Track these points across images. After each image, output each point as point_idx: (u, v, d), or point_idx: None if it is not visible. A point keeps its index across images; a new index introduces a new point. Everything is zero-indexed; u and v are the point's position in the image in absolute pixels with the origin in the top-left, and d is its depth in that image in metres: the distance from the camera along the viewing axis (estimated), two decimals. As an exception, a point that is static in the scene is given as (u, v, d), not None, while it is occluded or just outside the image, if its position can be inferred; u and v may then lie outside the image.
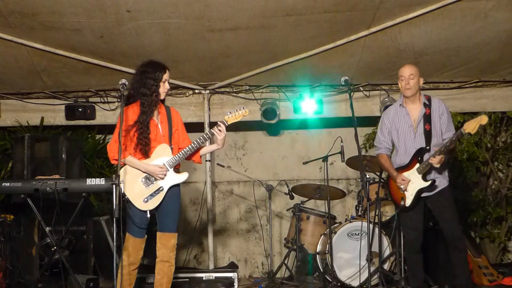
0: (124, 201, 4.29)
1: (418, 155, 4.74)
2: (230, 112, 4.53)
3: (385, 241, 5.83)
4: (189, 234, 7.35)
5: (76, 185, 5.16)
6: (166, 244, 4.37)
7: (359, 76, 6.46)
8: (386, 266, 5.78)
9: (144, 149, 4.30)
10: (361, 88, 6.78)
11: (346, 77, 4.59)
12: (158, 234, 4.40)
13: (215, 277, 5.87)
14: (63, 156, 5.98)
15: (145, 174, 4.34)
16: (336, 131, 6.93)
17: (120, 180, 4.15)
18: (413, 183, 4.73)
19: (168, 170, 4.39)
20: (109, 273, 6.04)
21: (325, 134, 7.44)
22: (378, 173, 5.96)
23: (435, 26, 5.52)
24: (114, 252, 3.94)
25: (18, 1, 4.98)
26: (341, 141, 5.77)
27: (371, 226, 5.56)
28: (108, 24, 5.35)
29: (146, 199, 4.30)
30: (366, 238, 5.53)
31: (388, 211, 6.17)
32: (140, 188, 4.32)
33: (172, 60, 6.08)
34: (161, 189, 4.37)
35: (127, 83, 4.31)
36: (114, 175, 4.03)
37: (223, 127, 4.41)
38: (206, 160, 6.89)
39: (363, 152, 7.07)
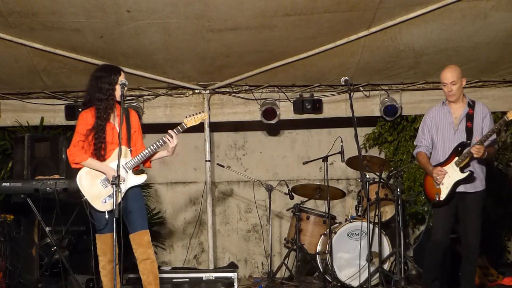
0: (83, 202, 4.32)
1: (459, 148, 4.67)
2: (190, 115, 4.55)
3: (385, 241, 5.83)
4: (189, 234, 7.35)
5: (76, 185, 5.15)
6: (141, 242, 4.37)
7: (359, 76, 6.46)
8: (386, 266, 5.79)
9: (99, 153, 4.32)
10: (361, 88, 6.78)
11: (346, 77, 4.58)
12: (131, 236, 4.38)
13: (215, 277, 5.87)
14: (63, 156, 5.99)
15: (104, 176, 4.34)
16: (336, 131, 6.93)
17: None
18: (449, 176, 4.66)
19: (127, 172, 4.38)
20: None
21: (325, 134, 7.43)
22: (378, 173, 5.96)
23: (435, 26, 5.52)
24: (114, 253, 3.95)
25: (18, 1, 4.99)
26: (341, 141, 5.77)
27: (371, 226, 5.56)
28: (108, 24, 5.35)
29: (104, 200, 4.31)
30: (366, 238, 5.53)
31: (388, 211, 6.17)
32: (98, 190, 4.33)
33: (172, 60, 6.12)
34: (119, 190, 4.36)
35: (127, 83, 4.32)
36: (113, 176, 4.03)
37: (174, 136, 4.42)
38: (206, 160, 6.90)
39: (363, 152, 7.07)
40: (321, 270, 5.97)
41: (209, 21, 5.35)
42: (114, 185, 4.00)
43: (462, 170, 4.65)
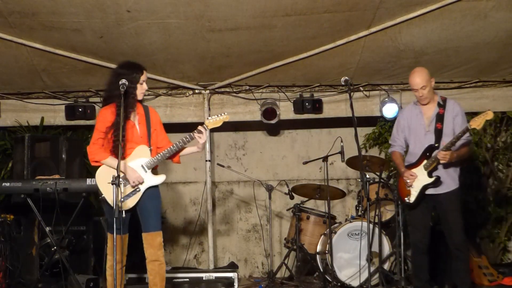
0: (101, 201, 4.32)
1: (427, 152, 4.74)
2: (211, 117, 4.57)
3: (385, 241, 5.83)
4: (189, 234, 7.35)
5: (76, 185, 5.17)
6: (152, 243, 4.37)
7: (359, 76, 6.46)
8: (386, 266, 5.79)
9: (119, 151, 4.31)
10: (361, 88, 6.78)
11: (346, 77, 4.59)
12: (143, 235, 4.40)
13: (215, 277, 5.87)
14: (63, 156, 5.98)
15: (123, 174, 4.33)
16: (336, 131, 6.93)
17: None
18: (419, 180, 4.74)
19: (146, 172, 4.39)
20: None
21: (325, 134, 7.43)
22: (378, 173, 5.96)
23: (435, 26, 5.52)
24: (114, 253, 3.95)
25: (18, 1, 4.99)
26: (341, 141, 5.77)
27: (371, 226, 5.56)
28: (108, 24, 5.35)
29: (122, 199, 4.29)
30: (366, 238, 5.53)
31: (388, 211, 6.16)
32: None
33: (172, 60, 6.11)
34: (137, 190, 4.37)
35: (127, 83, 4.29)
36: (113, 175, 4.03)
37: (204, 132, 4.44)
38: (206, 160, 6.90)
39: (363, 152, 7.07)
40: (321, 270, 5.97)
41: (209, 21, 5.35)
42: (114, 185, 3.98)
43: (429, 174, 4.72)
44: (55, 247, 5.29)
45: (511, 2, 5.20)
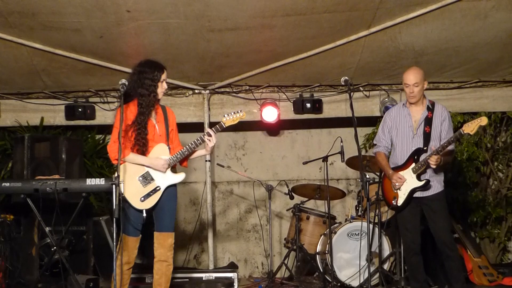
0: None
1: (415, 155, 4.75)
2: (228, 114, 4.54)
3: (385, 241, 5.83)
4: (189, 234, 7.35)
5: (76, 185, 5.15)
6: (163, 243, 4.38)
7: (359, 76, 6.46)
8: (386, 266, 5.79)
9: (142, 149, 4.32)
10: (361, 88, 6.78)
11: (346, 77, 4.59)
12: (155, 234, 4.41)
13: (215, 277, 5.87)
14: (63, 156, 5.97)
15: (143, 173, 4.34)
16: (336, 131, 6.94)
17: (120, 180, 4.17)
18: (407, 183, 4.75)
19: (166, 170, 4.39)
20: (109, 273, 6.03)
21: (325, 134, 7.44)
22: (378, 173, 5.95)
23: (435, 26, 5.52)
24: (114, 252, 3.95)
25: (18, 1, 4.98)
26: (341, 141, 5.77)
27: (371, 226, 5.56)
28: (108, 24, 5.34)
29: (142, 198, 4.30)
30: (366, 238, 5.53)
31: (388, 211, 6.16)
32: (137, 187, 4.32)
33: (172, 60, 6.10)
34: (157, 188, 4.37)
35: (127, 83, 4.28)
36: (113, 175, 4.03)
37: (213, 134, 4.43)
38: (206, 160, 6.90)
39: (363, 152, 7.07)
40: (321, 270, 5.96)
41: (209, 21, 5.35)
42: (114, 186, 3.97)
43: (419, 177, 4.72)
44: (55, 247, 5.28)
45: (511, 2, 5.20)
